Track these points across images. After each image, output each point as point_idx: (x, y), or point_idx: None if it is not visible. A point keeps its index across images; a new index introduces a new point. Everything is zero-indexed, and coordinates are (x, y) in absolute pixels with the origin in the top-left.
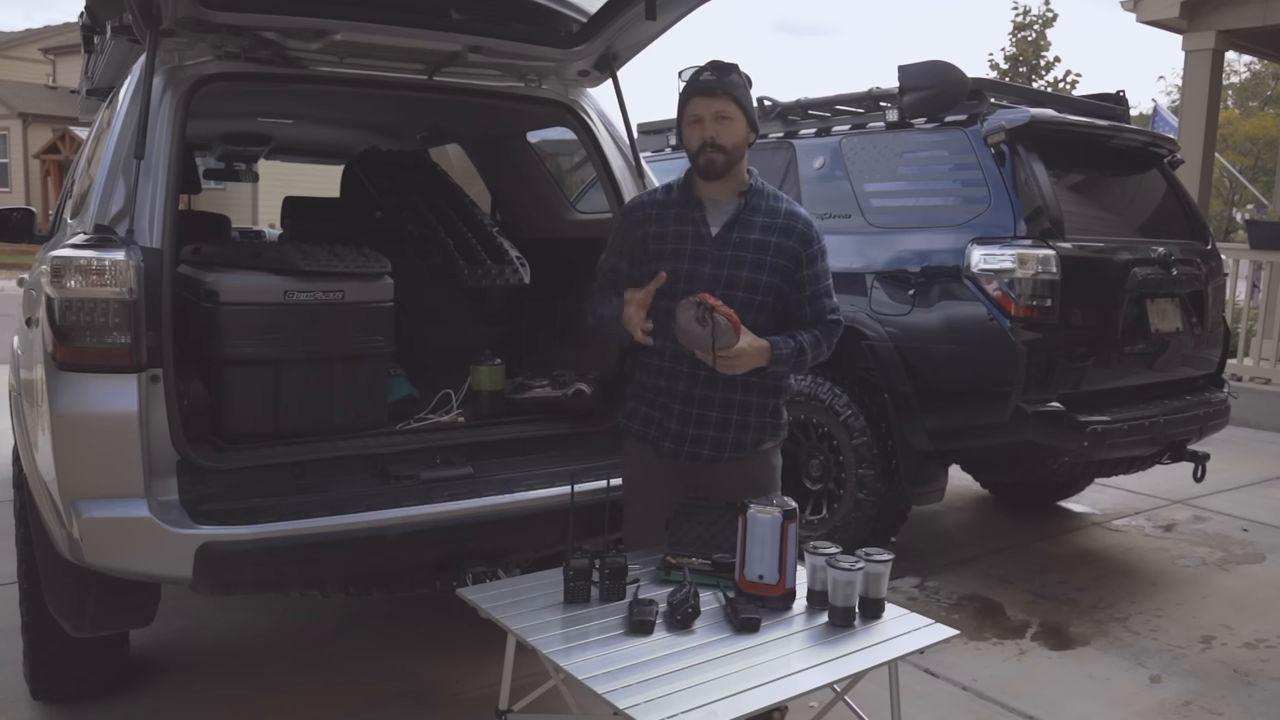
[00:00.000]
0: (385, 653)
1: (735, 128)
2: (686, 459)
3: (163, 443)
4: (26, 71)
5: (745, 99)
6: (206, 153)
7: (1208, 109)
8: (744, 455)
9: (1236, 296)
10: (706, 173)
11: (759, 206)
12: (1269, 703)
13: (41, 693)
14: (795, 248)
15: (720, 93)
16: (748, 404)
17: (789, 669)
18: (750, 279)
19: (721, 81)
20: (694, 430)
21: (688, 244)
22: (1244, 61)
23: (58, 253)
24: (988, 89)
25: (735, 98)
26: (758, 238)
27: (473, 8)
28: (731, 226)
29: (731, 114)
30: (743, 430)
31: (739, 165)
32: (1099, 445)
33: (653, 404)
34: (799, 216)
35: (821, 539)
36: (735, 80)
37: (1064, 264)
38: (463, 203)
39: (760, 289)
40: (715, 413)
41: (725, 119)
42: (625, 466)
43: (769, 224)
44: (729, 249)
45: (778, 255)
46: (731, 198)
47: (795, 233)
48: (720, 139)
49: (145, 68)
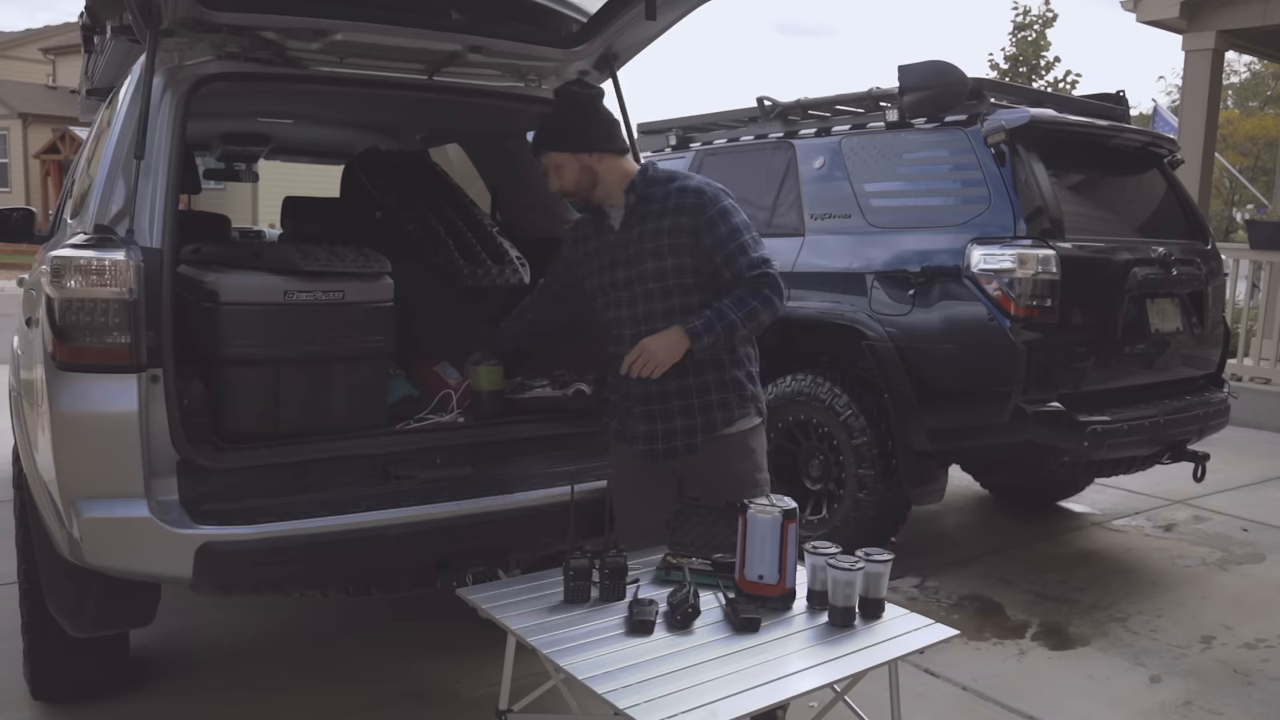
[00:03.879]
0: (385, 653)
1: (566, 171)
2: (664, 455)
3: (163, 443)
4: (26, 71)
5: (560, 142)
6: (206, 153)
7: (1208, 109)
8: (717, 434)
9: (1236, 296)
10: (581, 207)
11: (652, 195)
12: (1269, 703)
13: (41, 693)
14: (687, 223)
15: (538, 152)
16: (705, 384)
17: (789, 669)
18: (655, 268)
19: (536, 140)
20: (661, 426)
21: (605, 254)
22: (1244, 61)
23: (58, 253)
24: (988, 89)
25: (551, 147)
26: (653, 225)
27: (473, 8)
28: (629, 223)
29: (557, 162)
30: (707, 410)
31: (599, 185)
32: (1099, 445)
33: (618, 408)
34: (688, 190)
35: (821, 539)
36: (546, 131)
37: (1064, 264)
38: (463, 203)
39: (669, 274)
40: (675, 402)
41: (557, 168)
42: (610, 466)
43: (661, 209)
44: (630, 246)
45: (674, 236)
46: (620, 200)
47: (685, 209)
48: (562, 185)
49: (145, 68)
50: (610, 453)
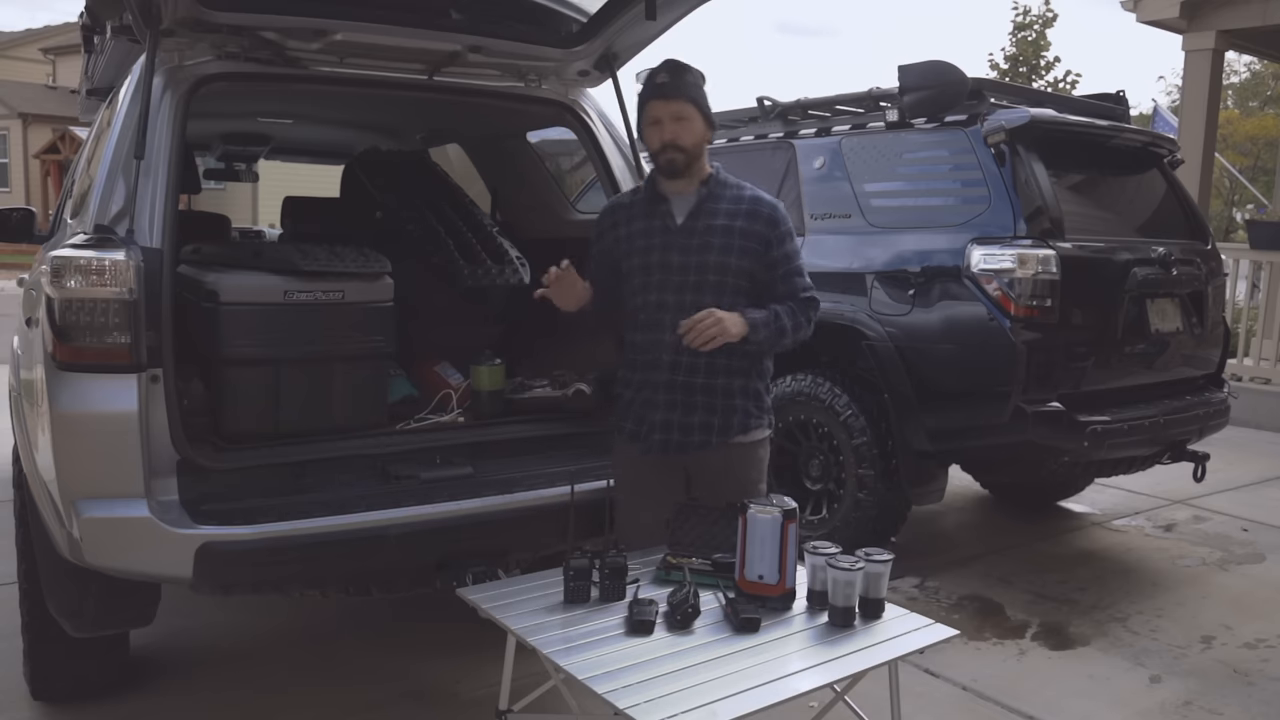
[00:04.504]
0: (385, 653)
1: (693, 127)
2: (676, 448)
3: (163, 443)
4: (26, 71)
5: (701, 98)
6: (206, 153)
7: (1208, 109)
8: (730, 439)
9: (1236, 296)
10: (668, 171)
11: (721, 195)
12: (1269, 703)
13: (41, 693)
14: (762, 230)
15: (676, 95)
16: (730, 388)
17: (789, 669)
18: (719, 262)
19: (677, 84)
20: (680, 418)
21: (656, 237)
22: (1244, 61)
23: (58, 253)
24: (988, 89)
25: (691, 98)
26: (723, 223)
27: (473, 8)
28: (696, 215)
29: (688, 115)
30: (728, 414)
31: (699, 161)
32: (1099, 445)
33: (634, 399)
34: (763, 200)
35: (821, 539)
36: (690, 81)
37: (1064, 264)
38: (463, 203)
39: (730, 271)
40: (699, 397)
41: (682, 120)
42: (614, 466)
43: (733, 210)
44: (695, 236)
45: (745, 238)
46: (694, 189)
47: (761, 216)
48: (679, 139)
49: (145, 68)
50: (615, 452)
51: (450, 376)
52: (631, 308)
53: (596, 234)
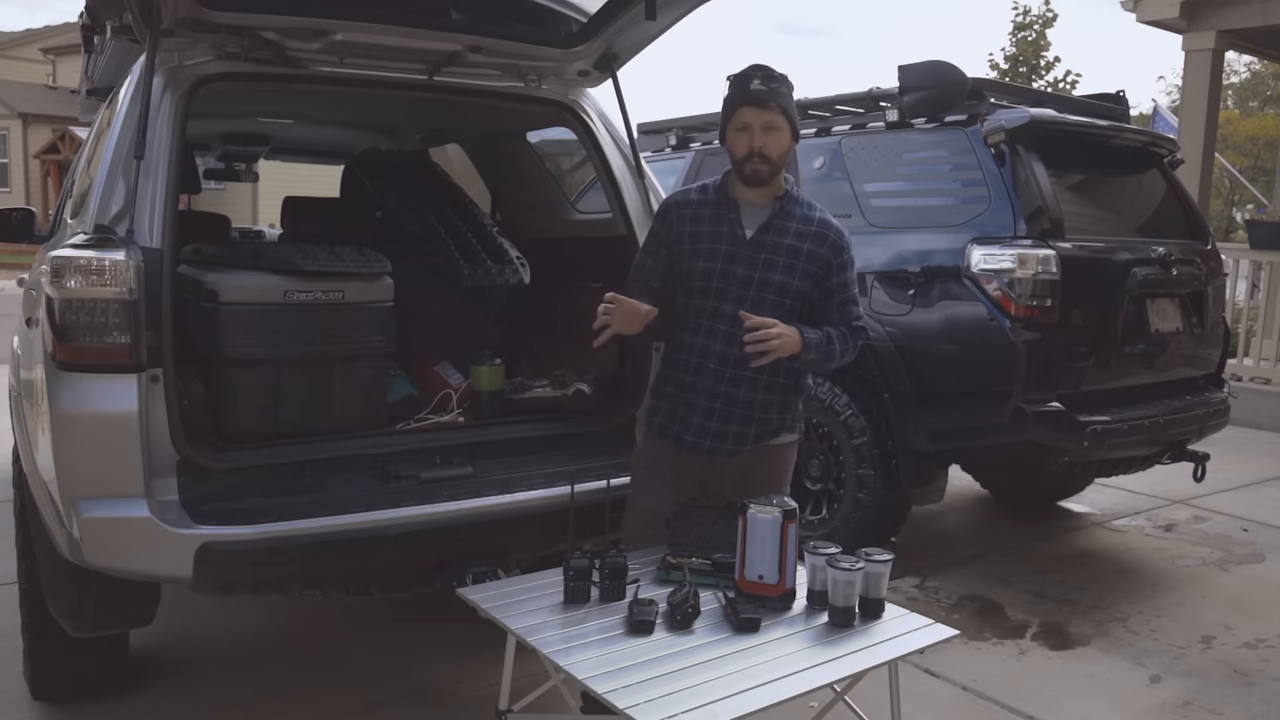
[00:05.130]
0: (385, 653)
1: (782, 138)
2: (706, 452)
3: (163, 443)
4: (26, 71)
5: (792, 109)
6: (206, 153)
7: (1208, 109)
8: (765, 444)
9: (1236, 296)
10: (752, 180)
11: (793, 213)
12: (1269, 703)
13: (41, 693)
14: (827, 256)
15: (771, 104)
16: (769, 403)
17: (789, 669)
18: (781, 282)
19: (772, 92)
20: (716, 425)
21: (723, 244)
22: (1244, 61)
23: (58, 253)
24: (988, 89)
25: (784, 109)
26: (791, 243)
27: (473, 8)
28: (766, 230)
29: (779, 125)
30: (764, 426)
31: (780, 173)
32: (1099, 445)
33: (675, 397)
34: (831, 225)
35: (821, 539)
36: (784, 91)
37: (1064, 264)
38: (463, 203)
39: (790, 293)
40: (738, 409)
41: (772, 130)
42: (637, 456)
43: (802, 230)
44: (762, 251)
45: (809, 261)
46: (767, 202)
47: (828, 241)
48: (768, 150)
49: (145, 68)
50: (640, 445)
51: (450, 376)
52: (684, 308)
53: (663, 223)
